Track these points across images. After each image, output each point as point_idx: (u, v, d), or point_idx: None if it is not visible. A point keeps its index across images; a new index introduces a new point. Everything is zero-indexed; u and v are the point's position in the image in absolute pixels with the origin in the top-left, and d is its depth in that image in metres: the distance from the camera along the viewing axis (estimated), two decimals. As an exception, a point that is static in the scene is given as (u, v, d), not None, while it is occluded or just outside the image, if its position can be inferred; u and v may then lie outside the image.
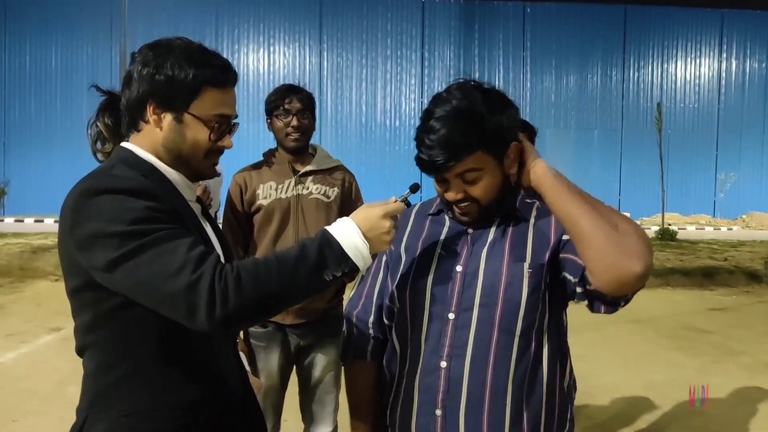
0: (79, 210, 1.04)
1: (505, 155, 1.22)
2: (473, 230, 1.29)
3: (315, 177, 2.38)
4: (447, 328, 1.24)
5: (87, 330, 1.13)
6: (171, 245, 1.00)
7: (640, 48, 18.68)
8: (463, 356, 1.21)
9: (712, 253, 10.34)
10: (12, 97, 16.75)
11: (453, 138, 1.16)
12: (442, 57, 17.84)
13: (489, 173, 1.21)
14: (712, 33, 18.94)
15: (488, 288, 1.22)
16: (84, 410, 1.14)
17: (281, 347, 2.36)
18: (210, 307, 0.96)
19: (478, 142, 1.17)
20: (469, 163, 1.18)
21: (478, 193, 1.22)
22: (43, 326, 5.69)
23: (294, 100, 2.33)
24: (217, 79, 1.16)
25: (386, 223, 1.12)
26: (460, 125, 1.16)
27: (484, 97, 1.19)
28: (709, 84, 19.06)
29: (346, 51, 17.68)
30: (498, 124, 1.18)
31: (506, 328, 1.21)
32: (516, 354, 1.21)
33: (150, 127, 1.16)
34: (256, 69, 17.39)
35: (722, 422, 3.66)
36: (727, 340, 5.65)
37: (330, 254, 1.06)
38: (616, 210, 1.18)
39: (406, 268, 1.32)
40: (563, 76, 18.51)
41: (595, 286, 1.12)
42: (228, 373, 1.25)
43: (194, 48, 1.17)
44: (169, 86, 1.12)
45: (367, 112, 17.89)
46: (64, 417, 3.39)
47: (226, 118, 1.19)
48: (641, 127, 18.12)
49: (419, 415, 1.25)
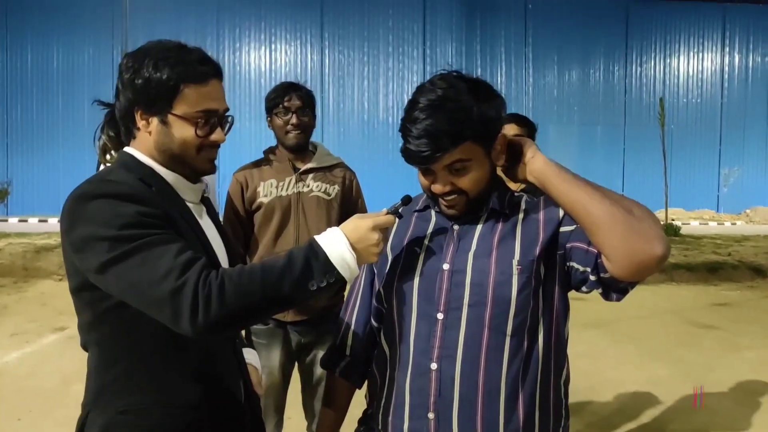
0: (74, 214, 1.07)
1: (492, 146, 1.20)
2: (459, 226, 1.25)
3: (316, 174, 2.37)
4: (436, 328, 1.20)
5: (88, 328, 1.17)
6: (158, 251, 1.01)
7: (643, 43, 18.62)
8: (454, 357, 1.18)
9: (716, 248, 10.31)
10: (14, 98, 16.78)
11: (440, 127, 1.12)
12: (444, 53, 17.80)
13: (477, 164, 1.19)
14: (715, 27, 18.86)
15: (476, 287, 1.18)
16: (87, 405, 1.18)
17: (282, 344, 2.36)
18: (193, 314, 0.97)
19: (466, 131, 1.14)
20: (456, 153, 1.15)
21: (466, 184, 1.19)
22: (47, 326, 5.71)
23: (294, 97, 2.33)
24: (195, 74, 1.15)
25: (375, 235, 1.11)
26: (446, 115, 1.13)
27: (469, 86, 1.17)
28: (712, 78, 18.99)
29: (348, 48, 17.67)
30: (484, 114, 1.15)
31: (497, 327, 1.17)
32: (508, 354, 1.18)
33: (142, 133, 1.18)
34: (258, 67, 17.39)
35: (726, 417, 3.65)
36: (732, 335, 5.63)
37: (316, 265, 1.06)
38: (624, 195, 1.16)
39: (392, 267, 1.29)
40: (565, 72, 18.46)
41: (612, 273, 1.10)
42: (226, 374, 1.25)
43: (170, 47, 1.16)
44: (148, 90, 1.13)
45: (369, 109, 17.87)
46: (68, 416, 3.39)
47: (212, 113, 1.17)
48: (644, 123, 18.06)
49: (411, 418, 1.22)
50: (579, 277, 1.17)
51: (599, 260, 1.12)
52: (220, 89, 1.21)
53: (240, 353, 1.37)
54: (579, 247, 1.16)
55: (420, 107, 1.15)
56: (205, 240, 1.21)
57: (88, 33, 16.57)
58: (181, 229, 1.13)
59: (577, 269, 1.17)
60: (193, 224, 1.20)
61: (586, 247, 1.15)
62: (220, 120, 1.20)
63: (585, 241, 1.15)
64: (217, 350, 1.22)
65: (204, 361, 1.19)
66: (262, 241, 2.35)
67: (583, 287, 1.18)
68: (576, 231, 1.18)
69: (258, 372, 1.46)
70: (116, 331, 1.13)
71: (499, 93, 1.22)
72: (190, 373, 1.16)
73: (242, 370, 1.34)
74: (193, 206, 1.25)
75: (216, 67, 1.20)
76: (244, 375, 1.34)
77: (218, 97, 1.19)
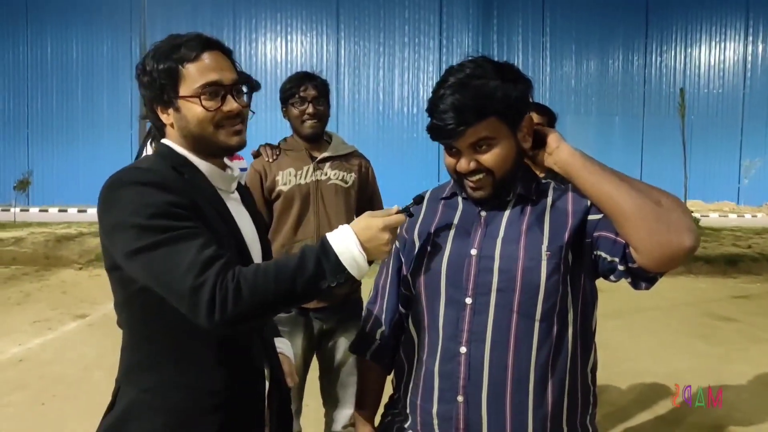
0: (106, 200, 1.11)
1: (518, 127, 1.20)
2: (486, 212, 1.26)
3: (333, 163, 2.40)
4: (464, 313, 1.21)
5: (120, 308, 1.22)
6: (182, 246, 1.04)
7: (663, 32, 18.31)
8: (483, 341, 1.19)
9: (735, 241, 10.16)
10: (34, 89, 17.00)
11: (465, 102, 1.14)
12: (460, 43, 17.67)
13: (502, 142, 1.19)
14: (738, 16, 18.49)
15: (505, 272, 1.19)
16: (118, 380, 1.23)
17: (305, 332, 2.38)
18: (210, 312, 1.01)
19: (491, 107, 1.15)
20: (481, 129, 1.17)
21: (492, 162, 1.19)
22: (69, 313, 5.81)
23: (309, 87, 2.35)
24: (187, 53, 1.18)
25: (386, 235, 1.13)
26: (472, 91, 1.15)
27: (497, 67, 1.19)
28: (734, 68, 18.63)
29: (364, 39, 17.61)
30: (509, 92, 1.17)
31: (525, 312, 1.18)
32: (537, 338, 1.18)
33: (168, 128, 1.24)
34: (274, 58, 17.42)
35: (745, 410, 3.62)
36: (751, 328, 5.56)
37: (327, 265, 1.08)
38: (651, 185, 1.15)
39: (420, 253, 1.30)
40: (583, 62, 18.24)
41: (640, 264, 1.09)
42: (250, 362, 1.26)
43: (163, 40, 1.21)
44: (155, 84, 1.19)
45: (385, 100, 17.83)
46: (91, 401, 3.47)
47: (213, 84, 1.18)
48: (663, 114, 17.81)
49: (440, 401, 1.23)
50: (607, 267, 1.17)
51: (627, 250, 1.11)
52: (219, 60, 1.21)
53: (270, 342, 1.38)
54: (607, 237, 1.16)
55: (447, 85, 1.17)
56: (235, 229, 1.23)
57: (107, 25, 16.70)
58: (209, 219, 1.15)
59: (605, 258, 1.16)
60: (223, 213, 1.22)
61: (614, 237, 1.14)
62: (229, 91, 1.20)
63: (612, 231, 1.15)
64: (242, 338, 1.24)
65: (228, 347, 1.20)
66: (283, 230, 2.37)
67: (612, 276, 1.18)
68: (603, 220, 1.17)
69: (290, 362, 1.46)
70: (144, 312, 1.16)
71: (526, 76, 1.23)
72: (212, 358, 1.18)
73: (270, 358, 1.34)
74: (226, 195, 1.27)
75: (208, 39, 1.21)
76: (273, 364, 1.35)
77: (217, 68, 1.20)
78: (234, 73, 1.23)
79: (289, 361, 1.47)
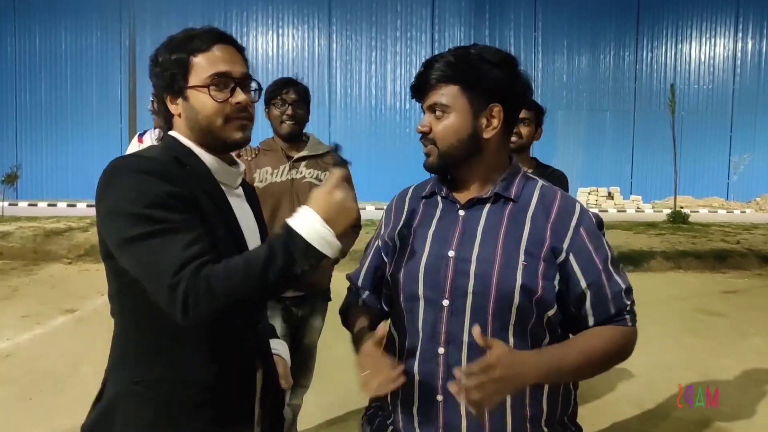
0: (104, 185, 1.11)
1: (482, 110, 1.20)
2: (465, 211, 1.25)
3: (308, 162, 2.56)
4: (442, 315, 1.21)
5: (112, 298, 1.22)
6: (170, 240, 1.05)
7: (654, 28, 18.40)
8: (460, 343, 1.19)
9: (724, 236, 10.25)
10: (23, 82, 16.83)
11: (436, 64, 1.20)
12: (452, 38, 17.67)
13: (457, 115, 1.20)
14: (728, 12, 18.60)
15: (480, 277, 1.18)
16: (107, 370, 1.23)
17: (281, 319, 2.51)
18: (183, 310, 1.02)
19: (459, 76, 1.19)
20: (441, 93, 1.20)
21: (438, 131, 1.22)
22: (57, 308, 5.77)
23: (291, 91, 2.53)
24: (199, 44, 1.19)
25: (339, 194, 1.13)
26: (449, 57, 1.21)
27: (485, 50, 1.22)
28: (724, 65, 18.77)
29: (356, 33, 17.57)
30: (485, 71, 1.18)
31: (501, 316, 1.18)
32: (513, 343, 1.18)
33: (176, 118, 1.24)
34: (266, 52, 17.34)
35: (732, 404, 3.65)
36: (739, 323, 5.62)
37: (296, 251, 1.07)
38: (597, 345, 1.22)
39: (400, 254, 1.30)
40: (575, 57, 18.30)
41: None
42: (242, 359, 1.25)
43: (180, 33, 1.22)
44: (166, 74, 1.20)
45: (377, 95, 17.81)
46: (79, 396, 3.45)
47: (223, 75, 1.19)
48: (654, 109, 17.92)
49: (421, 401, 1.24)
50: (557, 296, 1.23)
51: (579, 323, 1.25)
52: (231, 53, 1.22)
53: (265, 341, 1.37)
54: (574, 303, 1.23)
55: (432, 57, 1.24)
56: (234, 224, 1.22)
57: (96, 17, 16.56)
58: (206, 212, 1.14)
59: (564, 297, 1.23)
60: (223, 207, 1.21)
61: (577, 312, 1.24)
62: (239, 83, 1.21)
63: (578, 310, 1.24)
64: (234, 335, 1.23)
65: (219, 343, 1.19)
66: None
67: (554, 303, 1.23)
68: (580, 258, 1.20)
69: (286, 364, 1.45)
70: (135, 303, 1.16)
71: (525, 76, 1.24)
72: (203, 353, 1.18)
73: (263, 357, 1.34)
74: (229, 190, 1.26)
75: (219, 32, 1.22)
76: (266, 364, 1.34)
77: (228, 60, 1.20)
78: (245, 68, 1.23)
79: (285, 363, 1.45)
